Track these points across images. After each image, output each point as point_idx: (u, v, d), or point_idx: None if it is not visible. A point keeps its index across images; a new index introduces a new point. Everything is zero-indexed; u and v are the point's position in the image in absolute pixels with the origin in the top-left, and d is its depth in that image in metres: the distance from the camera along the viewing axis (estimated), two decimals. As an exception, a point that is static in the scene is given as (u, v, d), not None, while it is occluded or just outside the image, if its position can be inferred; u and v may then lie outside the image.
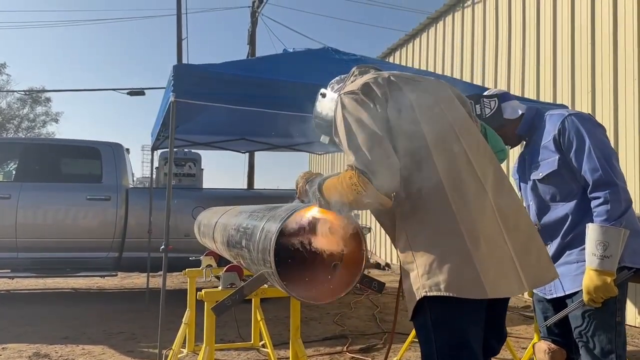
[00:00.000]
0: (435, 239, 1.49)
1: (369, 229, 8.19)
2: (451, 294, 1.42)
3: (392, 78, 1.64)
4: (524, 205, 2.25)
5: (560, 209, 2.12)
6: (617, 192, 1.94)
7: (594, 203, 1.97)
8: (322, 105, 1.86)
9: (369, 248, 1.89)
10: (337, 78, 1.90)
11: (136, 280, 8.19)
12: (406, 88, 1.62)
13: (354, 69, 1.83)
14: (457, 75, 7.93)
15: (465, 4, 8.05)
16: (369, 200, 1.47)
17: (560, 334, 2.18)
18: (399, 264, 1.61)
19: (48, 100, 32.34)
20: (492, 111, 2.32)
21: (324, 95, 1.87)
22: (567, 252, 2.10)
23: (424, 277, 1.47)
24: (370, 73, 1.73)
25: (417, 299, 1.49)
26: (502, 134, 2.29)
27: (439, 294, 1.44)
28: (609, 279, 1.88)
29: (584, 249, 1.97)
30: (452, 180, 1.52)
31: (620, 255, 1.90)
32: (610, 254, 1.88)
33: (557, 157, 2.09)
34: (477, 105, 2.31)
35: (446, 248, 1.46)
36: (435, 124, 1.59)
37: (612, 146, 2.10)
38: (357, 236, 1.71)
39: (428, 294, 1.46)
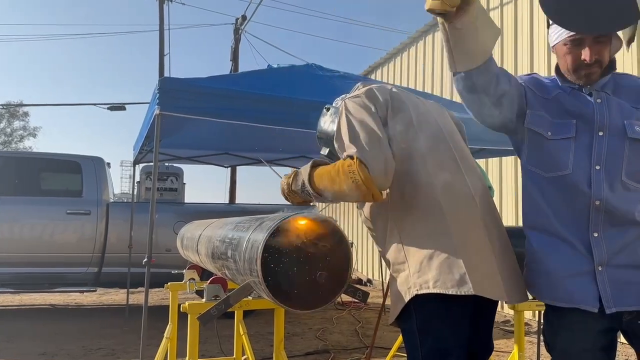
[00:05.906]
0: (427, 239, 1.55)
1: (352, 244, 8.19)
2: (439, 291, 1.48)
3: (394, 89, 1.77)
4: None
5: None
6: None
7: None
8: (325, 119, 1.93)
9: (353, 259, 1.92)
10: (342, 96, 1.97)
11: (115, 296, 8.05)
12: (407, 99, 1.74)
13: (358, 84, 1.91)
14: (437, 93, 8.07)
15: (446, 24, 8.21)
16: (361, 190, 1.51)
17: None
18: (380, 279, 1.64)
19: (26, 114, 31.94)
20: None
21: (328, 109, 1.94)
22: None
23: (415, 276, 1.53)
24: (374, 84, 1.83)
25: (407, 299, 1.54)
26: None
27: (427, 291, 1.49)
28: None
29: None
30: (444, 184, 1.60)
31: None
32: None
33: None
34: None
35: (436, 247, 1.53)
36: (431, 133, 1.69)
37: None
38: (343, 245, 1.74)
39: (418, 292, 1.51)
